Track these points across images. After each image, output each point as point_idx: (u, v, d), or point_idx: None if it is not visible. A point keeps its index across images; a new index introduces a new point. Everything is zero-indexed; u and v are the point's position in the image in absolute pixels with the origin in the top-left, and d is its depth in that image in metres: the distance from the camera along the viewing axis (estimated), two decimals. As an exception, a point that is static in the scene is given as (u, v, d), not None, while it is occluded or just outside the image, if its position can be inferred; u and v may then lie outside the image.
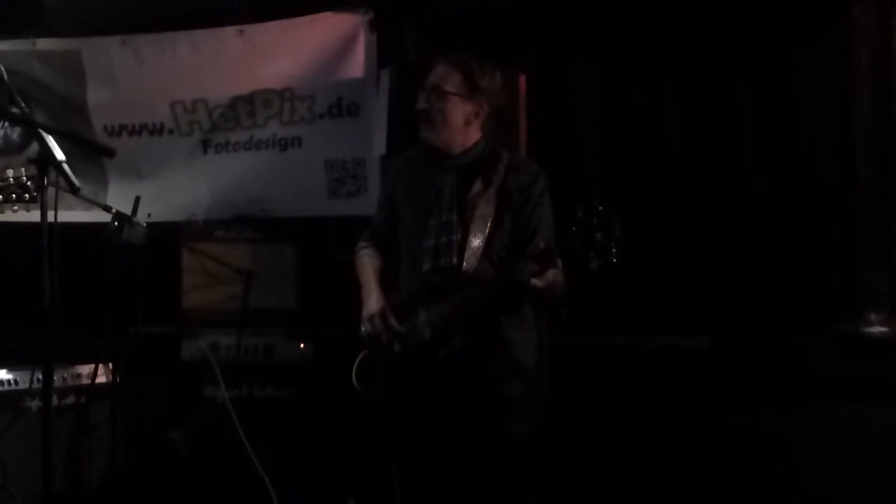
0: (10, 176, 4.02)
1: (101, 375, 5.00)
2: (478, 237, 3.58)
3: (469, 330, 3.55)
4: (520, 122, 4.87)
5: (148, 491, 4.78)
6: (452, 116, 3.67)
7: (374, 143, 5.09)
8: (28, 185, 3.92)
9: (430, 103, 3.68)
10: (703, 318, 4.94)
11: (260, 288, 5.10)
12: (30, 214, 3.67)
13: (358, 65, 5.13)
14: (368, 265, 3.85)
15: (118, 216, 4.64)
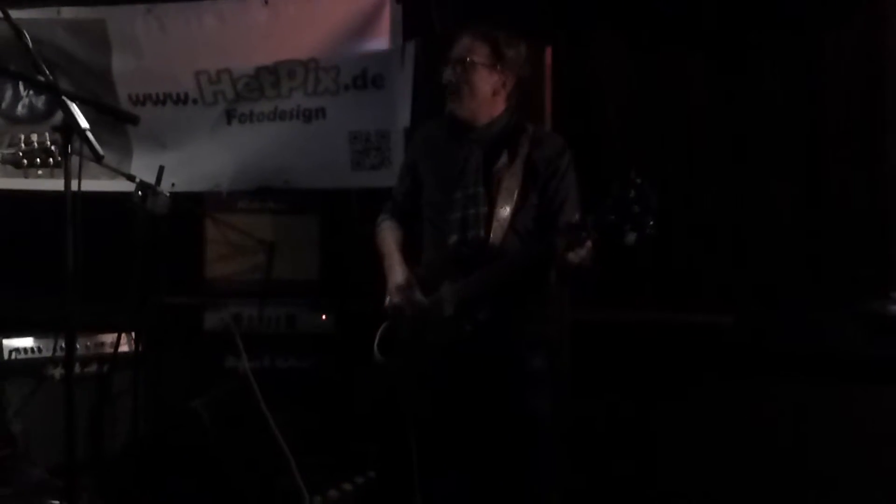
0: (35, 141, 4.06)
1: (124, 344, 5.00)
2: (504, 210, 3.60)
3: (494, 302, 3.56)
4: (545, 94, 4.79)
5: (169, 460, 4.73)
6: (480, 88, 3.68)
7: (399, 116, 5.09)
8: (52, 150, 3.95)
9: (457, 75, 3.68)
10: (727, 294, 4.92)
11: (282, 259, 5.13)
12: (54, 182, 3.68)
13: (383, 36, 5.12)
14: (390, 237, 3.87)
15: (142, 186, 4.64)
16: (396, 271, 3.74)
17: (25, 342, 4.83)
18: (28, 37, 3.52)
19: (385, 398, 4.11)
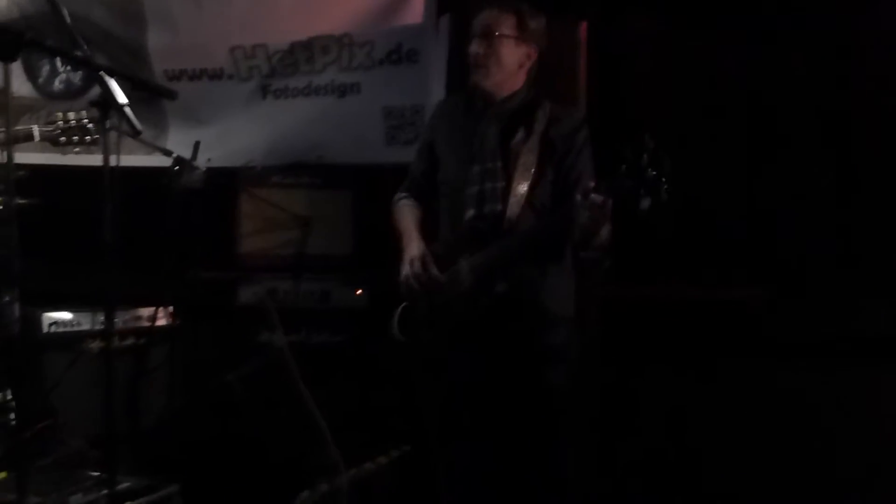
0: (72, 118, 4.11)
1: (160, 318, 5.08)
2: (522, 186, 3.61)
3: (512, 275, 3.59)
4: (580, 71, 4.81)
5: (204, 433, 4.84)
6: (507, 60, 3.69)
7: (433, 91, 5.04)
8: (88, 128, 4.00)
9: (484, 47, 3.68)
10: (756, 272, 4.91)
11: (316, 234, 5.13)
12: (91, 158, 3.72)
13: (417, 11, 5.11)
14: (408, 214, 3.91)
15: (178, 161, 4.69)
16: (413, 245, 3.76)
17: (64, 316, 4.86)
18: (66, 12, 3.57)
19: (411, 374, 4.12)
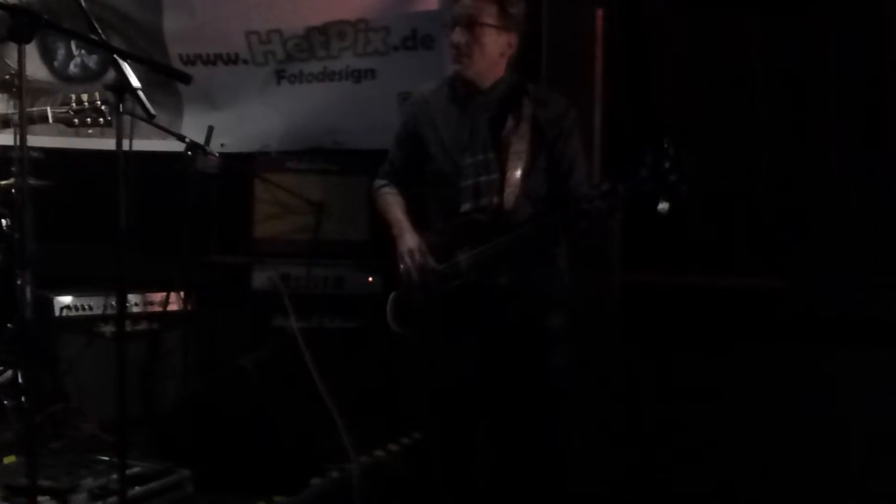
0: (85, 101, 4.13)
1: (174, 303, 5.17)
2: (515, 174, 3.59)
3: (514, 267, 3.57)
4: (596, 58, 4.76)
5: (217, 417, 4.77)
6: (489, 49, 3.62)
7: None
8: (103, 110, 4.02)
9: (465, 36, 3.61)
10: (779, 259, 4.85)
11: (331, 220, 5.16)
12: (105, 141, 3.74)
13: None
14: (394, 203, 3.85)
15: (192, 145, 4.73)
16: (407, 238, 3.72)
17: (77, 300, 4.94)
18: None
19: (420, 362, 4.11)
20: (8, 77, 4.62)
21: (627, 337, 4.61)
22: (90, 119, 4.20)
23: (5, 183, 4.30)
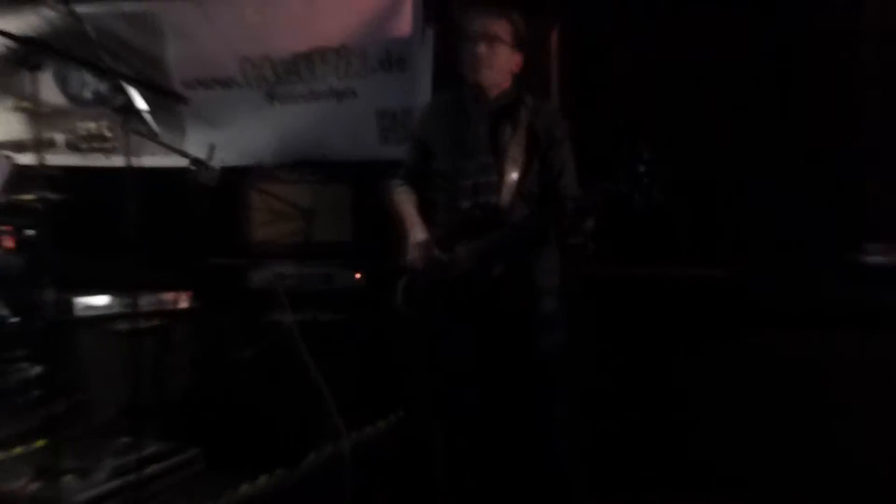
0: (90, 129, 4.26)
1: (182, 302, 5.27)
2: (512, 176, 3.81)
3: (507, 259, 3.79)
4: (551, 75, 5.02)
5: (223, 406, 4.98)
6: (503, 64, 3.88)
7: (420, 95, 5.25)
8: (105, 136, 4.17)
9: (486, 49, 3.84)
10: (723, 249, 4.99)
11: (319, 224, 5.28)
12: (109, 160, 3.96)
13: (406, 23, 5.31)
14: (407, 200, 4.07)
15: (195, 161, 4.76)
16: (417, 231, 3.92)
17: (95, 300, 5.00)
18: (90, 29, 3.85)
19: (411, 345, 4.27)
20: (26, 103, 4.57)
21: (592, 327, 4.65)
22: (96, 144, 4.33)
23: (28, 198, 4.28)
